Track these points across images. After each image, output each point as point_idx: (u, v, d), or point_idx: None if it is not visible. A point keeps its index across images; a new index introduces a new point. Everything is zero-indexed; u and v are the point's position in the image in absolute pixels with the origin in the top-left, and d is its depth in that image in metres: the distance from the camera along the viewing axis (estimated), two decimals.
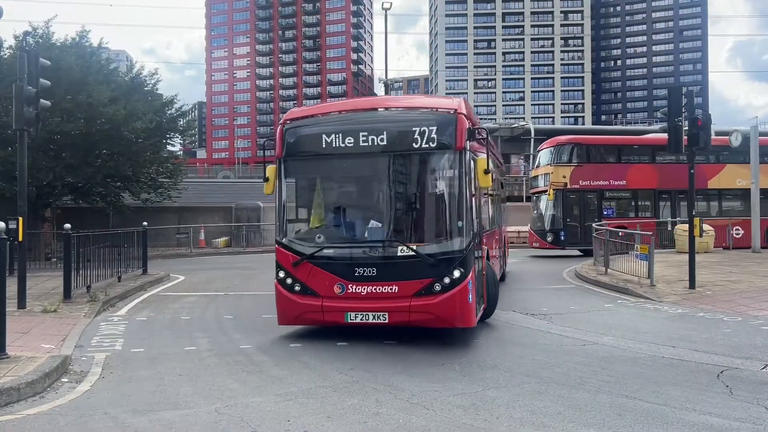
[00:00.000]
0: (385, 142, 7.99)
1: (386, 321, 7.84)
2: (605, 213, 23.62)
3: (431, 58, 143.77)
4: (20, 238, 10.79)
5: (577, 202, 23.82)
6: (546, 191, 23.88)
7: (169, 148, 31.36)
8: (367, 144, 8.02)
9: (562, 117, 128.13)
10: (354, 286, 7.90)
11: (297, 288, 8.16)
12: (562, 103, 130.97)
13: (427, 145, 7.88)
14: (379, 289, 7.83)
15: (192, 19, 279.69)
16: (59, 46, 22.43)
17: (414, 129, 7.89)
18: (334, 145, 8.13)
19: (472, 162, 8.10)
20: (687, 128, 12.73)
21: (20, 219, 10.86)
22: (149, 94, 26.27)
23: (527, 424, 5.11)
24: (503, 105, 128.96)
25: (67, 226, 11.82)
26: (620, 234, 16.18)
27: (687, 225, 14.29)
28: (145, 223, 17.21)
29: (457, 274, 7.65)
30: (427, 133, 7.85)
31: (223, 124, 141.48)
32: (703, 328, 9.24)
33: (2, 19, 11.13)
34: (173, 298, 13.07)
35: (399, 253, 7.83)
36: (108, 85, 22.50)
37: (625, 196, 24.62)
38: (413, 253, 7.75)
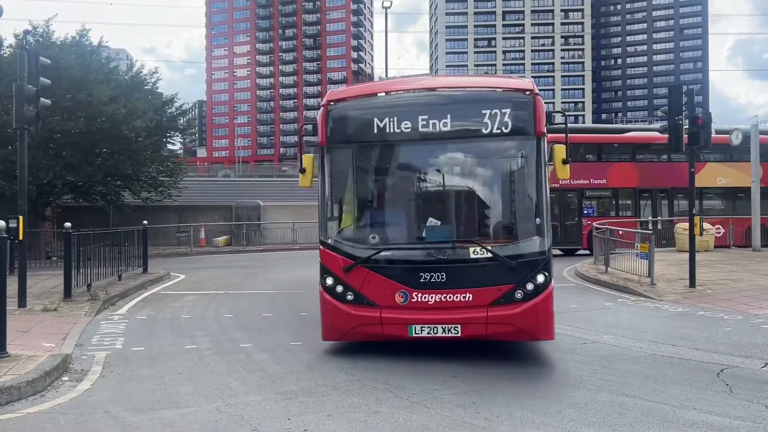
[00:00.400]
0: (449, 127, 6.99)
1: (459, 335, 6.83)
2: (586, 212, 23.43)
3: (431, 57, 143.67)
4: (21, 237, 10.80)
5: (557, 201, 23.64)
6: None
7: (170, 146, 31.41)
8: (427, 129, 7.01)
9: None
10: (419, 294, 6.85)
11: (349, 297, 7.04)
12: (562, 102, 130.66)
13: (500, 131, 6.88)
14: (450, 297, 6.81)
15: (192, 18, 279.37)
16: (59, 45, 22.41)
17: (483, 112, 6.90)
18: (388, 131, 7.07)
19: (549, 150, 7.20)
20: (687, 127, 12.75)
21: (20, 218, 10.85)
22: (149, 93, 26.27)
23: (527, 422, 5.11)
24: None
25: (68, 224, 11.83)
26: (620, 233, 16.19)
27: (687, 224, 14.31)
28: (145, 222, 17.22)
29: (541, 279, 6.86)
30: (499, 117, 6.86)
31: (224, 123, 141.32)
32: (704, 327, 9.24)
33: (2, 17, 11.11)
34: (173, 297, 13.07)
35: (472, 255, 6.89)
36: (108, 83, 22.48)
37: (605, 195, 24.49)
38: (490, 255, 6.85)
